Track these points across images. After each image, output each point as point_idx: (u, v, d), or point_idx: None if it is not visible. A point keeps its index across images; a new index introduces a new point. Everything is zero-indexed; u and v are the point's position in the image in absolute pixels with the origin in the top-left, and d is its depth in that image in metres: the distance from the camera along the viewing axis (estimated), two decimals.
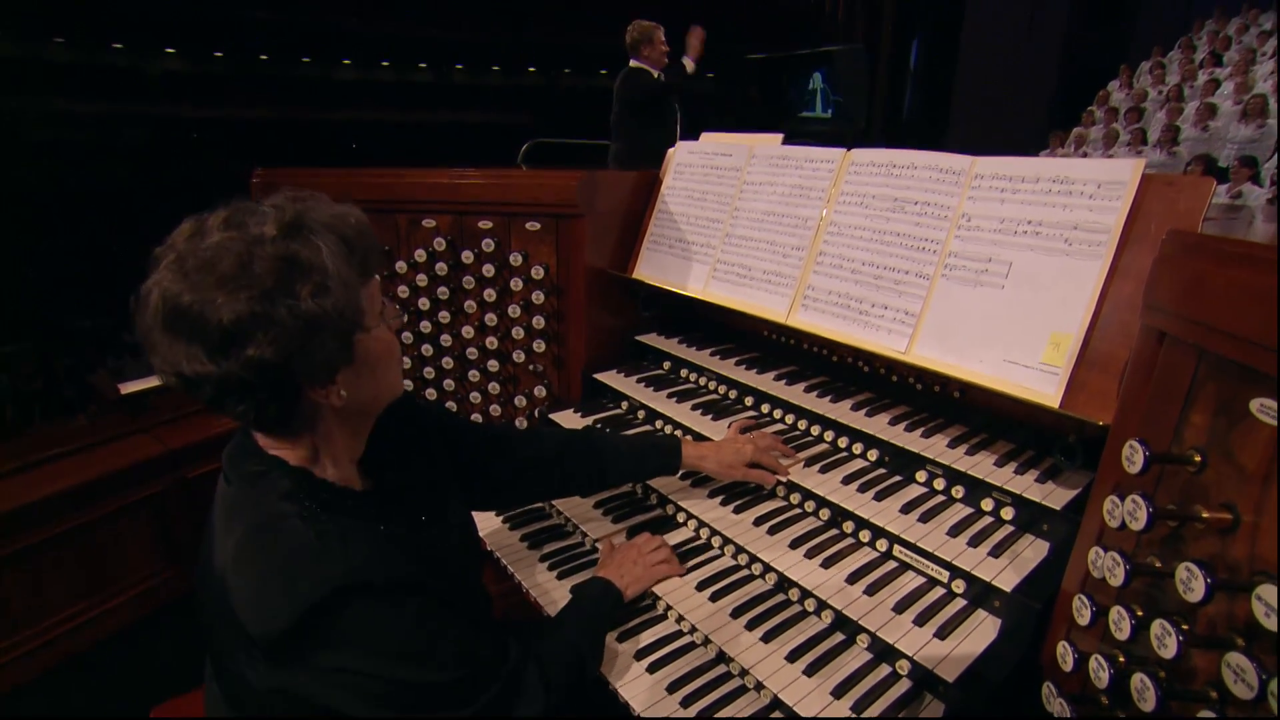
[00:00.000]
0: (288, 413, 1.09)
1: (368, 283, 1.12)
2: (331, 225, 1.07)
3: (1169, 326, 1.03)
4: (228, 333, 0.97)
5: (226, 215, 1.04)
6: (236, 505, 1.10)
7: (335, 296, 1.03)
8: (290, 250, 1.01)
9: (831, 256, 1.77)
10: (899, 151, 1.69)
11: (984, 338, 1.46)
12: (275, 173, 2.48)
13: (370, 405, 1.20)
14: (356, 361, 1.10)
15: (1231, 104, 9.71)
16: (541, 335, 2.27)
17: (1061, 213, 1.42)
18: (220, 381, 1.00)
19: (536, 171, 2.22)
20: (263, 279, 0.98)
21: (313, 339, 1.01)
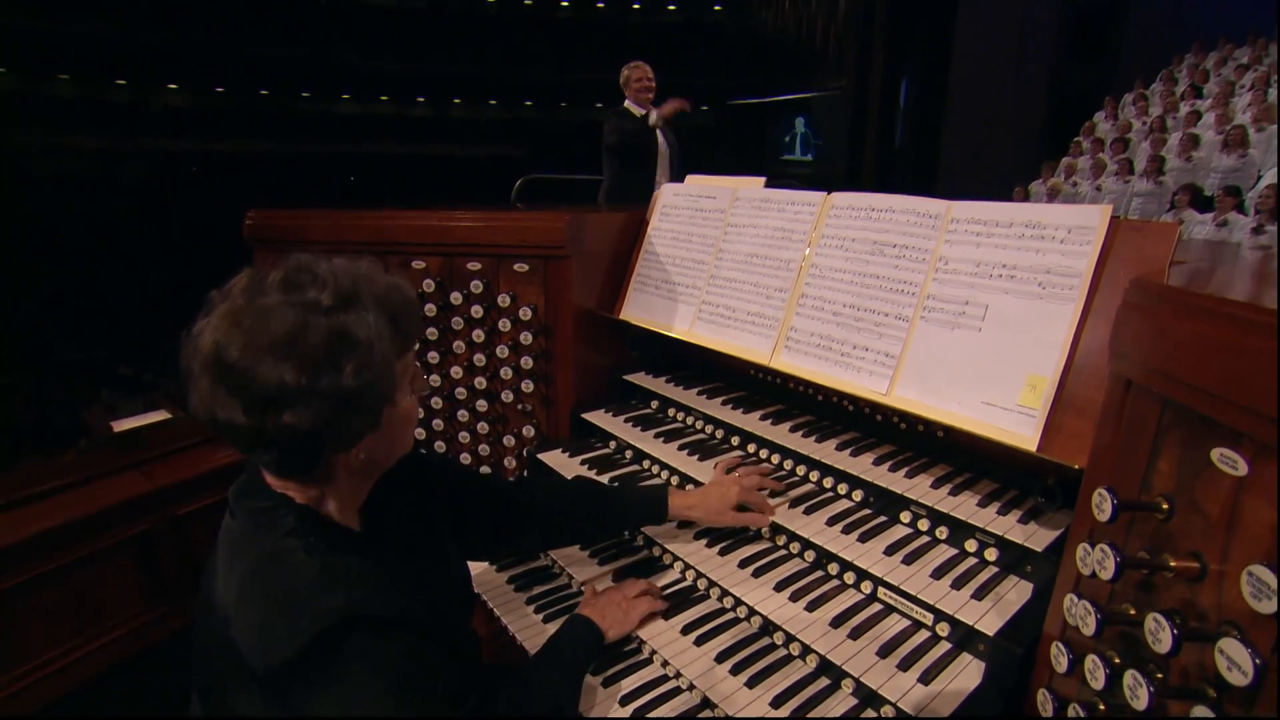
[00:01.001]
0: (308, 468, 1.13)
1: (404, 356, 1.16)
2: (383, 299, 1.11)
3: (1134, 374, 1.05)
4: (270, 397, 1.00)
5: (285, 275, 1.09)
6: (242, 540, 1.13)
7: (376, 373, 1.07)
8: (342, 324, 1.05)
9: (813, 298, 1.79)
10: (878, 195, 1.72)
11: (962, 379, 1.48)
12: (269, 214, 2.52)
13: (382, 462, 1.24)
14: (380, 429, 1.15)
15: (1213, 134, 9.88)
16: (530, 375, 2.29)
17: (1035, 256, 1.45)
18: (253, 435, 1.03)
19: (524, 213, 2.25)
20: (313, 351, 1.02)
21: (347, 412, 1.05)
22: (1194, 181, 9.28)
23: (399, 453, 1.26)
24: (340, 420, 1.05)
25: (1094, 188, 10.87)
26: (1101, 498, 0.98)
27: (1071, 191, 11.30)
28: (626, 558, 1.84)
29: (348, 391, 1.03)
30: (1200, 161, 9.73)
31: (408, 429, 1.25)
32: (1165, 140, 10.37)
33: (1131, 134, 11.53)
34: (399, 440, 1.23)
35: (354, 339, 1.05)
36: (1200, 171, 9.67)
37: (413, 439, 1.30)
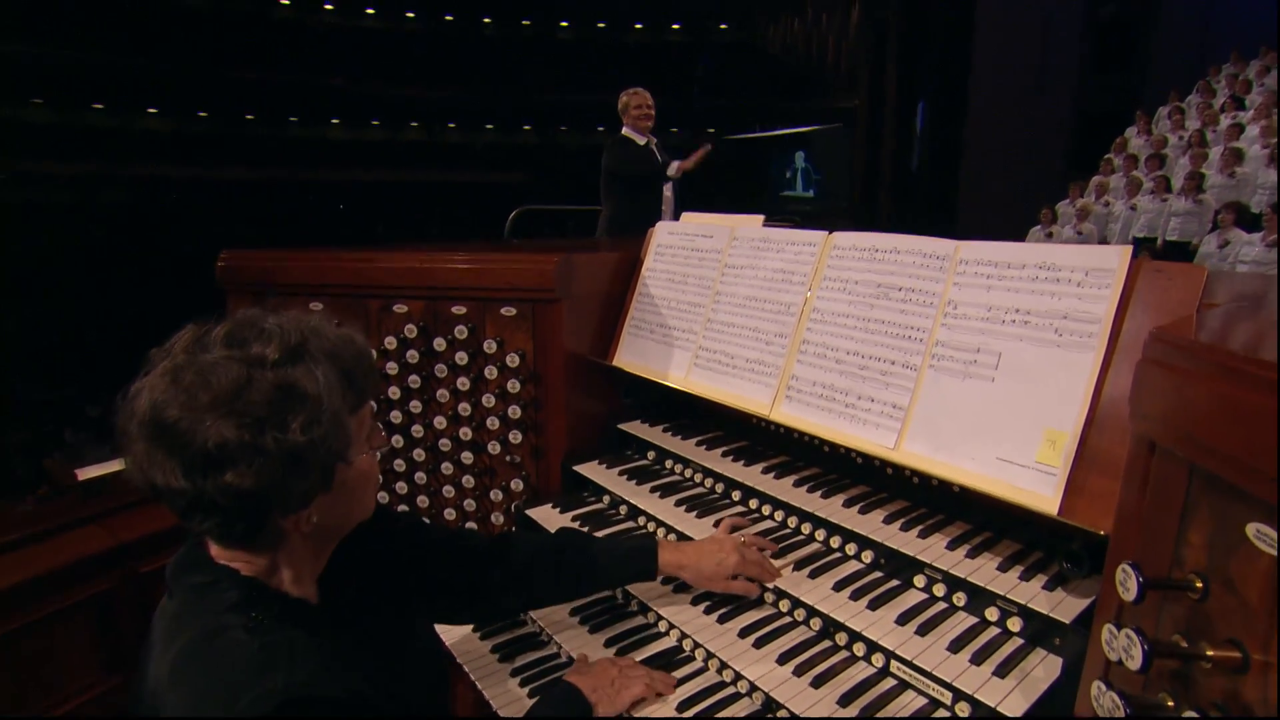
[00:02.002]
0: (253, 533, 1.11)
1: (359, 411, 1.15)
2: (333, 353, 1.11)
3: (1158, 436, 1.03)
4: (210, 456, 1.00)
5: (230, 329, 1.09)
6: (178, 620, 1.10)
7: (325, 429, 1.06)
8: (289, 378, 1.05)
9: (815, 345, 1.78)
10: (881, 235, 1.72)
11: (975, 433, 1.46)
12: (243, 255, 2.53)
13: (339, 526, 1.22)
14: (334, 488, 1.13)
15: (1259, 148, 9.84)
16: (518, 425, 2.27)
17: (1050, 301, 1.43)
18: (192, 498, 1.02)
19: (511, 254, 2.26)
20: (256, 407, 1.02)
21: (294, 471, 1.04)
22: (1239, 199, 9.24)
23: (359, 516, 1.24)
24: (287, 480, 1.04)
25: (1128, 207, 10.85)
26: (1126, 574, 0.95)
27: (1103, 212, 11.29)
28: (619, 623, 1.80)
29: (295, 449, 1.02)
30: (1245, 177, 9.69)
31: (367, 490, 1.23)
32: (1206, 155, 10.33)
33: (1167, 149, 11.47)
34: (357, 502, 1.21)
35: (301, 393, 1.05)
36: (1245, 188, 9.63)
37: (374, 501, 1.28)
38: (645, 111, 5.16)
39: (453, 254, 2.28)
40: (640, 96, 5.21)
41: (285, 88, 26.94)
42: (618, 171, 5.10)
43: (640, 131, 5.19)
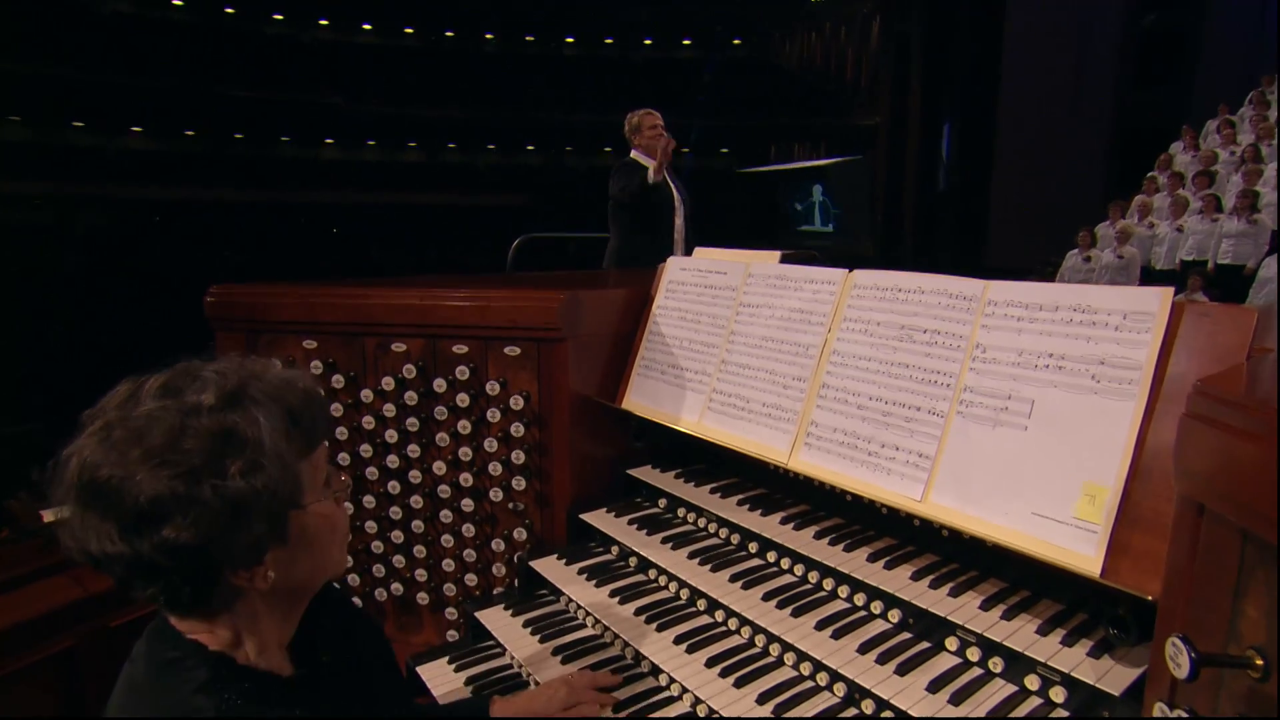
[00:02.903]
0: (203, 596, 1.10)
1: (311, 454, 1.15)
2: (276, 395, 1.12)
3: (1205, 498, 1.03)
4: (144, 513, 0.99)
5: (165, 380, 1.10)
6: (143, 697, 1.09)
7: (269, 474, 1.06)
8: (226, 423, 1.05)
9: (835, 389, 1.79)
10: (904, 274, 1.74)
11: (1008, 486, 1.46)
12: (232, 290, 2.56)
13: (304, 585, 1.21)
14: (290, 541, 1.12)
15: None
16: (522, 471, 2.28)
17: (1086, 345, 1.44)
18: (131, 562, 1.02)
19: (515, 291, 2.29)
20: (191, 456, 1.02)
21: (238, 521, 1.04)
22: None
23: (327, 571, 1.23)
24: (231, 531, 1.03)
25: (1174, 229, 10.79)
26: (1177, 649, 0.94)
27: (1148, 234, 11.24)
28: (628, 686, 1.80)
29: (236, 496, 1.02)
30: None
31: (332, 541, 1.22)
32: (1261, 172, 10.23)
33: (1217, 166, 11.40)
34: (322, 555, 1.19)
35: (240, 438, 1.05)
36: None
37: (343, 558, 1.27)
38: (658, 132, 5.19)
39: (453, 290, 2.31)
40: (653, 117, 5.23)
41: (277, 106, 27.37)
42: (626, 200, 5.11)
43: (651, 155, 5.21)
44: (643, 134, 5.22)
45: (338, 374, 2.38)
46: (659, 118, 5.28)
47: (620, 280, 2.86)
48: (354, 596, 2.47)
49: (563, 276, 3.11)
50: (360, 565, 2.46)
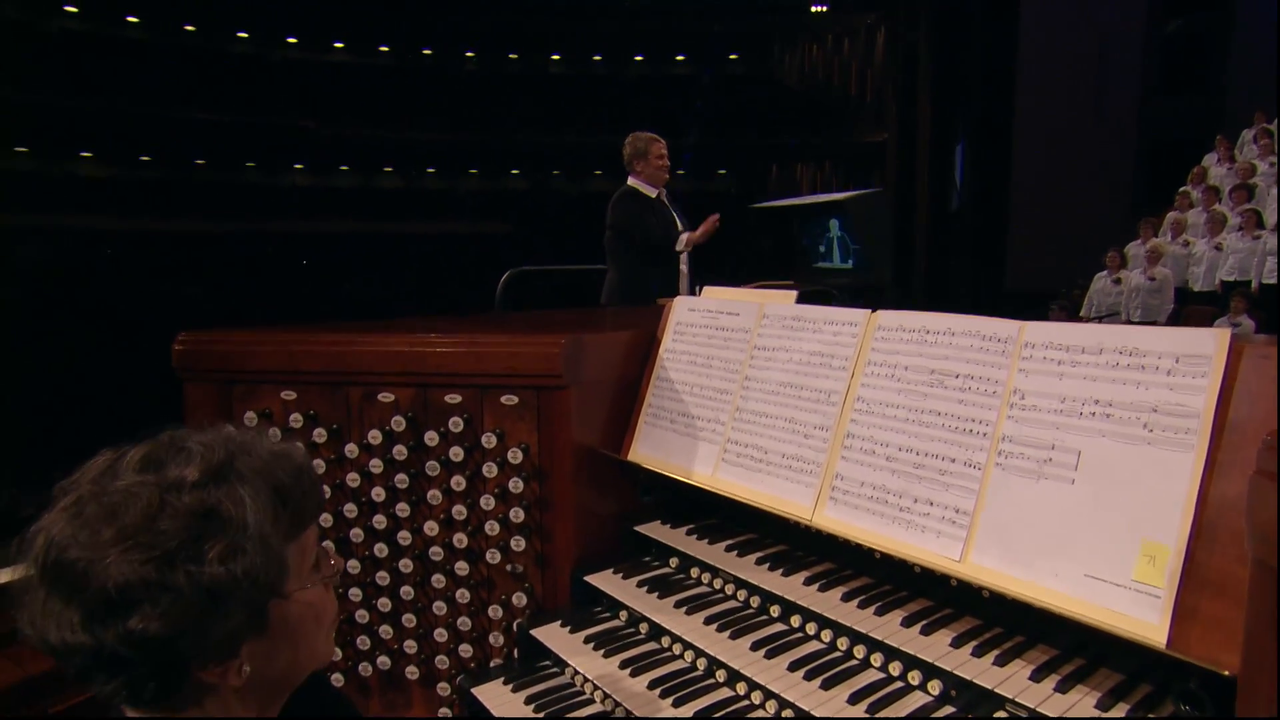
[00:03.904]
0: (169, 692, 1.07)
1: (300, 536, 1.14)
2: (265, 471, 1.11)
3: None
4: (110, 600, 0.97)
5: (147, 451, 1.08)
6: None
7: (250, 559, 1.04)
8: (209, 502, 1.04)
9: (861, 439, 1.80)
10: (932, 315, 1.75)
11: (1057, 544, 1.46)
12: (203, 337, 2.54)
13: (284, 680, 1.19)
14: (270, 631, 1.10)
15: None
16: (521, 530, 2.27)
17: (1135, 391, 1.45)
18: (92, 654, 1.00)
19: (512, 336, 2.29)
20: (166, 537, 1.00)
21: (213, 611, 1.02)
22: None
23: (310, 663, 1.20)
24: (205, 622, 1.01)
25: (1211, 247, 10.82)
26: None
27: (1182, 253, 11.28)
28: None
29: (213, 584, 1.00)
30: None
31: (318, 631, 1.19)
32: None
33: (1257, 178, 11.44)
34: (305, 646, 1.17)
35: (222, 518, 1.04)
36: None
37: (330, 644, 1.25)
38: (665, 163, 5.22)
39: (445, 335, 2.31)
40: (660, 144, 5.25)
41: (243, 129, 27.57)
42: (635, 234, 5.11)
43: (655, 184, 5.25)
44: (648, 162, 5.23)
45: (319, 427, 2.38)
46: (665, 146, 5.30)
47: (623, 321, 2.87)
48: (335, 672, 2.44)
49: (561, 317, 3.13)
50: (343, 637, 2.43)
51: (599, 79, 29.48)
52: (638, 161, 5.27)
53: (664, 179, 5.30)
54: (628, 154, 5.32)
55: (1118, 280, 11.42)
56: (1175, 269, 11.04)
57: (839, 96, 24.57)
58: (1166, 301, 10.78)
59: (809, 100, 25.96)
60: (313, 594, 1.17)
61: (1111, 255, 11.71)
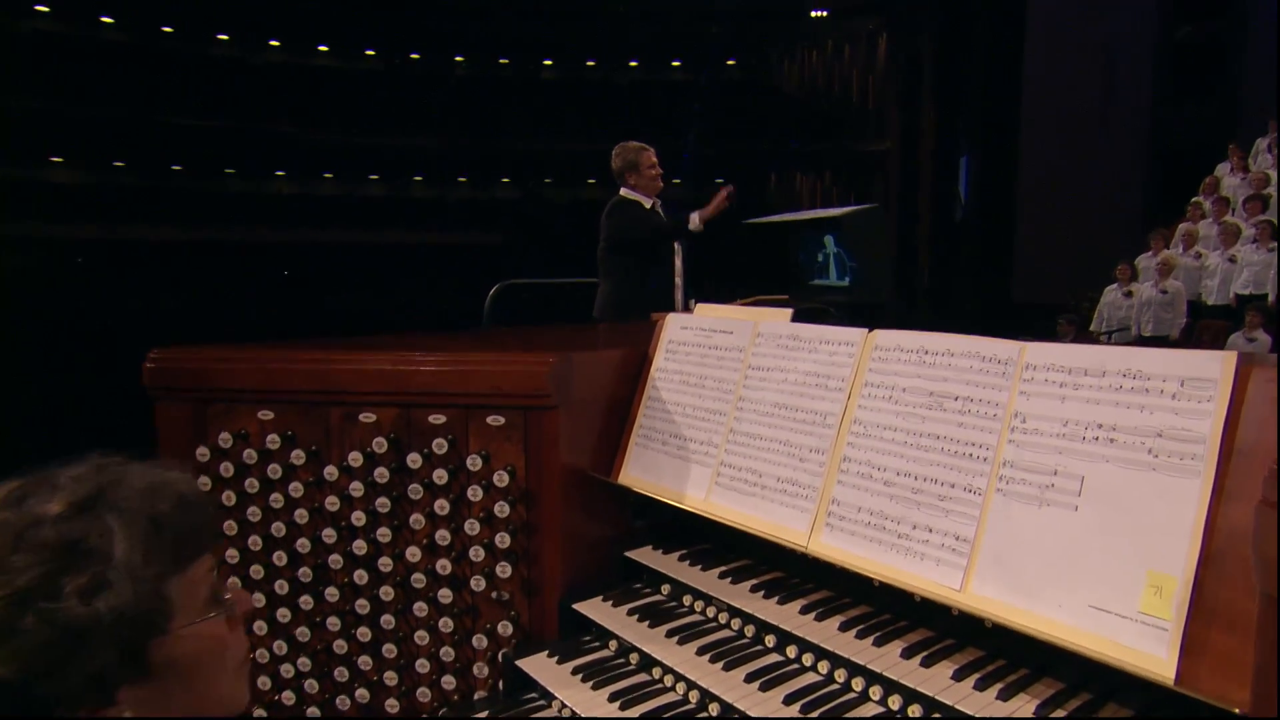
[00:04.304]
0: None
1: (186, 569, 1.11)
2: (140, 502, 1.08)
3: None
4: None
5: (14, 487, 1.07)
6: None
7: (118, 594, 1.01)
8: (70, 535, 1.01)
9: (858, 463, 1.81)
10: (931, 335, 1.76)
11: (1060, 574, 1.46)
12: (176, 354, 2.53)
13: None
14: (155, 674, 1.06)
15: None
16: (507, 556, 2.27)
17: (1139, 415, 1.46)
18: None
19: (498, 355, 2.30)
20: (19, 574, 0.98)
21: (74, 651, 0.98)
22: None
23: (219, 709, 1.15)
24: (65, 664, 0.97)
25: (1225, 259, 10.85)
26: None
27: (1194, 264, 11.31)
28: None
29: (68, 621, 0.97)
30: None
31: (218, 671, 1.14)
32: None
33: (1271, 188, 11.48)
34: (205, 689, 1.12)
35: (85, 551, 1.01)
36: None
37: (241, 687, 1.20)
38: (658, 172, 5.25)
39: (429, 354, 2.32)
40: (649, 154, 5.29)
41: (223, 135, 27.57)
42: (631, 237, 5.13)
43: (649, 195, 5.27)
44: (640, 173, 5.26)
45: (298, 448, 2.37)
46: (655, 154, 5.33)
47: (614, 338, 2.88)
48: (312, 705, 2.43)
49: (550, 334, 3.14)
50: (320, 669, 2.42)
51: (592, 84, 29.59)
52: (629, 174, 5.29)
53: (658, 188, 5.32)
54: (617, 166, 5.34)
55: (1129, 293, 11.46)
56: (1187, 282, 11.09)
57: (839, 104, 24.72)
58: (1179, 315, 10.82)
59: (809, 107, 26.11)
60: (208, 631, 1.12)
61: (1122, 268, 11.75)
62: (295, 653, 2.39)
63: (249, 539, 2.37)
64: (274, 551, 2.36)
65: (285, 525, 2.36)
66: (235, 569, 2.38)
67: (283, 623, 2.39)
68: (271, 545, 2.37)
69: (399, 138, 28.56)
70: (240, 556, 2.38)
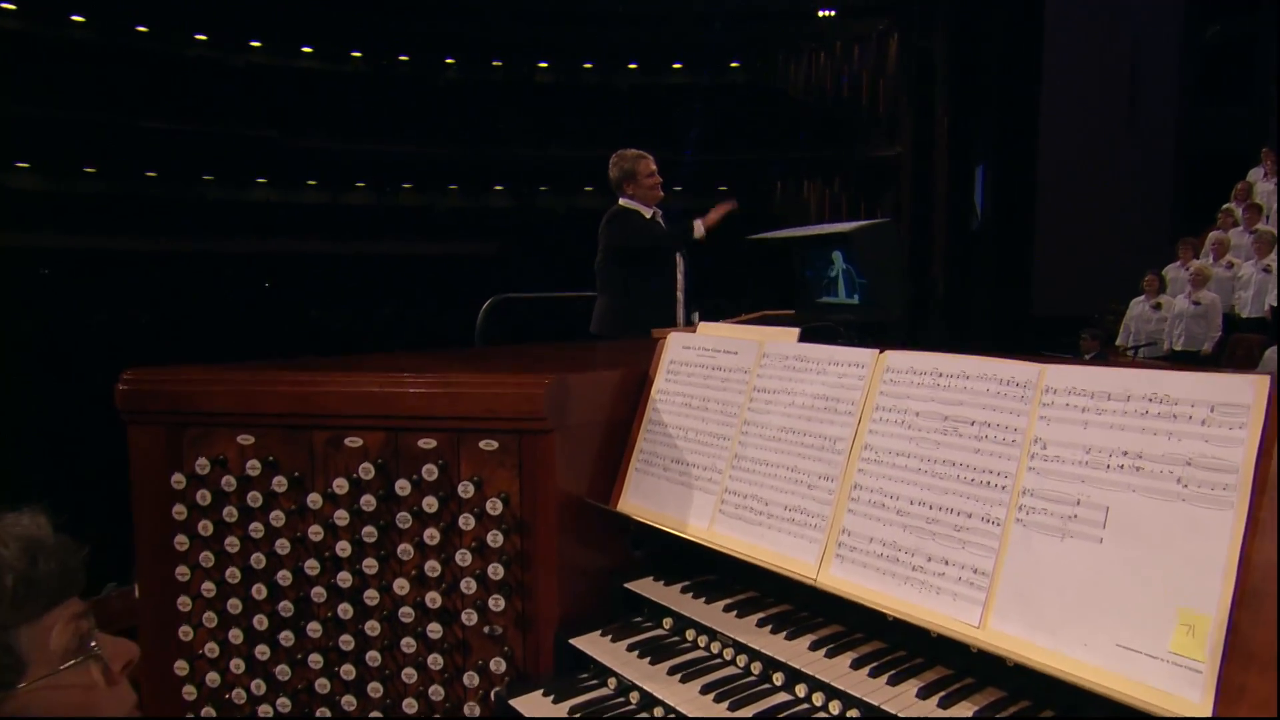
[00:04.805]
0: None
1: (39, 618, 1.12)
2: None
3: None
4: None
5: None
6: None
7: None
8: None
9: (870, 491, 1.82)
10: (945, 356, 1.77)
11: (1085, 611, 1.47)
12: (151, 375, 2.51)
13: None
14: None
15: None
16: (500, 588, 2.27)
17: (1166, 442, 1.46)
18: None
19: (493, 374, 2.31)
20: None
21: None
22: None
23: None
24: None
25: (1260, 269, 10.83)
26: None
27: (1226, 275, 11.30)
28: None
29: None
30: None
31: None
32: None
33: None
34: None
35: None
36: None
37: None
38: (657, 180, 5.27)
39: (419, 375, 2.32)
40: (647, 162, 5.33)
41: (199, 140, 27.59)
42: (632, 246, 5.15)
43: (648, 204, 5.30)
44: (638, 182, 5.29)
45: (279, 475, 2.37)
46: (654, 162, 5.36)
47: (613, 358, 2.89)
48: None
49: (546, 353, 3.14)
50: (301, 709, 2.41)
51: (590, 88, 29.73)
52: (627, 183, 5.32)
53: (657, 197, 5.35)
54: (615, 176, 5.38)
55: (1157, 305, 11.46)
56: (1220, 293, 11.07)
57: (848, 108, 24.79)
58: (1213, 329, 10.81)
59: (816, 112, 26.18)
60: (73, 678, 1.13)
61: (1150, 279, 11.74)
62: (274, 693, 2.38)
63: (226, 571, 2.36)
64: (253, 584, 2.35)
65: (265, 556, 2.35)
66: (211, 603, 2.37)
67: (261, 660, 2.38)
68: (251, 578, 2.36)
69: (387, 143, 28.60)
70: (217, 590, 2.37)
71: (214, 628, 2.38)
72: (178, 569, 2.38)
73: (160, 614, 2.39)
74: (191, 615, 2.38)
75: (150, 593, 2.44)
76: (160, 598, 2.39)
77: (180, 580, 2.38)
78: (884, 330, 2.84)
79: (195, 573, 2.38)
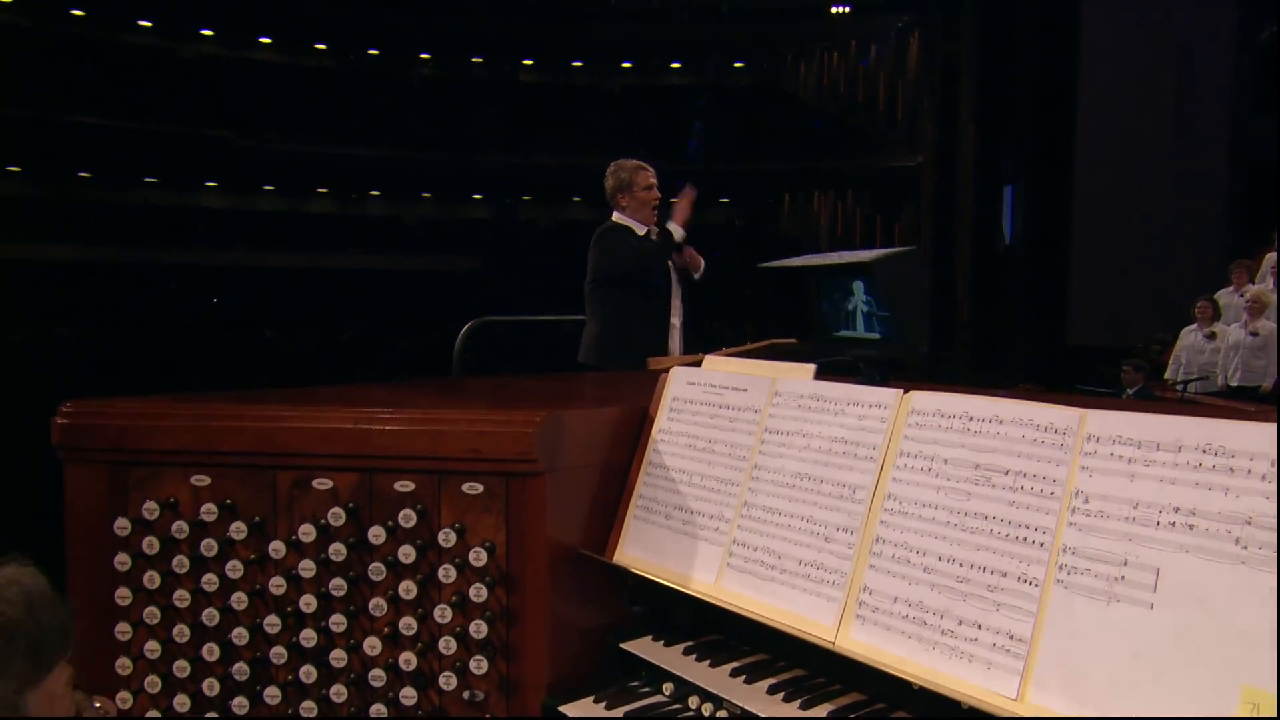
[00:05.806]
0: None
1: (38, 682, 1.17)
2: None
3: None
4: None
5: None
6: None
7: None
8: None
9: (893, 545, 1.83)
10: (976, 398, 1.79)
11: (1136, 684, 1.47)
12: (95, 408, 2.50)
13: None
14: None
15: None
16: (483, 649, 2.27)
17: (1223, 499, 1.48)
18: None
19: (478, 411, 2.33)
20: None
21: None
22: None
23: None
24: None
25: None
26: None
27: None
28: None
29: None
30: None
31: None
32: None
33: None
34: None
35: None
36: None
37: None
38: (655, 196, 5.32)
39: (397, 410, 2.34)
40: (646, 174, 5.37)
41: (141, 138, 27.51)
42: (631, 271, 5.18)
43: (643, 220, 5.34)
44: (634, 194, 5.33)
45: (238, 520, 2.37)
46: (654, 175, 5.40)
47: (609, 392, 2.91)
48: None
49: (534, 386, 3.16)
50: None
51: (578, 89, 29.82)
52: (622, 196, 5.36)
53: (653, 214, 5.39)
54: (610, 186, 5.42)
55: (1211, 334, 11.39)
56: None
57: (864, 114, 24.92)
58: (1274, 363, 10.68)
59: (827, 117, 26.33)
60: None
61: (1202, 305, 11.71)
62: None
63: (174, 629, 2.34)
64: (204, 644, 2.33)
65: (219, 612, 2.34)
66: (155, 665, 2.35)
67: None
68: (201, 636, 2.34)
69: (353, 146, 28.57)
70: (162, 651, 2.35)
71: (156, 693, 2.35)
72: (118, 627, 2.35)
73: (95, 677, 2.31)
74: (131, 680, 2.36)
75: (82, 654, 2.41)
76: (95, 659, 2.33)
77: (120, 639, 2.35)
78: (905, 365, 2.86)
79: (138, 630, 2.35)
